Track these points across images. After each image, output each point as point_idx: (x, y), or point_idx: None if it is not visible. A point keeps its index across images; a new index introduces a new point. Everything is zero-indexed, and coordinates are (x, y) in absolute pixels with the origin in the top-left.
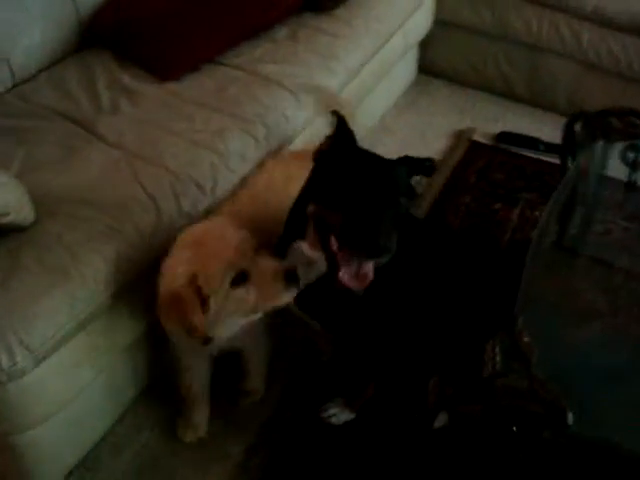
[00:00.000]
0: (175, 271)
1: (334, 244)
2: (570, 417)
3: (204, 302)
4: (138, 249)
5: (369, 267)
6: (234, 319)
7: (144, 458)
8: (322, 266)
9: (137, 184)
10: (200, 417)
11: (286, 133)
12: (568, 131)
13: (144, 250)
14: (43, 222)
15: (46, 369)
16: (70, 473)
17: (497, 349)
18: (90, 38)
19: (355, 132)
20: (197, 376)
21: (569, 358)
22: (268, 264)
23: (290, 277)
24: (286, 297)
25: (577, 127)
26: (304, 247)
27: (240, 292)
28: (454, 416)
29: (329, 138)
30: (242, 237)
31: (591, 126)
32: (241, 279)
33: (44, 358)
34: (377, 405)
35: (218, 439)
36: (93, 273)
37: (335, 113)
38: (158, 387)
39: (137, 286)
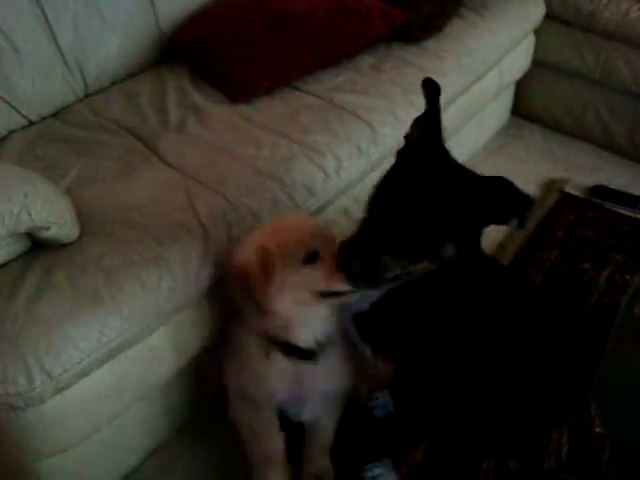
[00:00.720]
0: (248, 245)
1: None
2: None
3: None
4: (182, 279)
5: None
6: (299, 295)
7: None
8: None
9: (190, 210)
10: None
11: (359, 167)
12: None
13: (188, 281)
14: (85, 240)
15: (67, 398)
16: None
17: (564, 438)
18: (169, 53)
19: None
20: (270, 433)
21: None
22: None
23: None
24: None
25: None
26: None
27: (307, 270)
28: None
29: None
30: (317, 224)
31: None
32: (311, 258)
33: (66, 386)
34: (426, 473)
35: None
36: (128, 301)
37: (427, 87)
38: (192, 429)
39: (180, 317)
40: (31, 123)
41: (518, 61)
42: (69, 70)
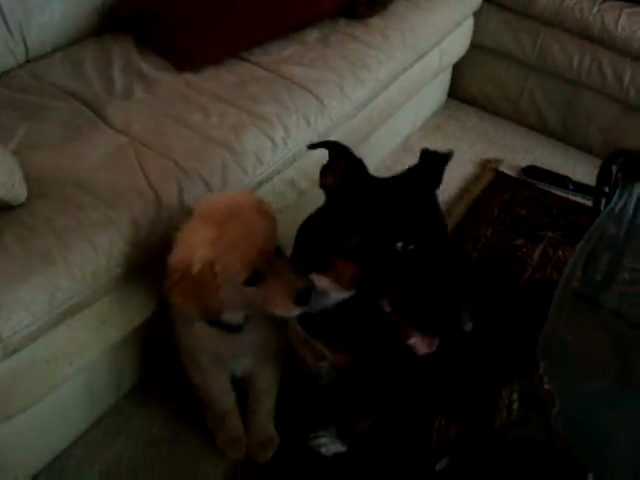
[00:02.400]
0: (194, 253)
1: (388, 308)
2: (591, 479)
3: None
4: (133, 242)
5: None
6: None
7: (117, 469)
8: (334, 298)
9: (140, 174)
10: (239, 430)
11: (307, 138)
12: (605, 169)
13: (139, 244)
14: (34, 203)
15: (17, 362)
16: (34, 477)
17: (514, 395)
18: (112, 22)
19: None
20: (224, 391)
21: (581, 413)
22: (285, 277)
23: (301, 299)
24: (291, 313)
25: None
26: (323, 282)
27: (250, 291)
28: (458, 464)
29: (332, 168)
30: (266, 225)
31: (631, 165)
32: (255, 279)
33: (16, 350)
34: (371, 440)
35: (199, 457)
36: (80, 262)
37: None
38: (141, 394)
39: (128, 281)
40: None
41: (457, 43)
42: (11, 34)
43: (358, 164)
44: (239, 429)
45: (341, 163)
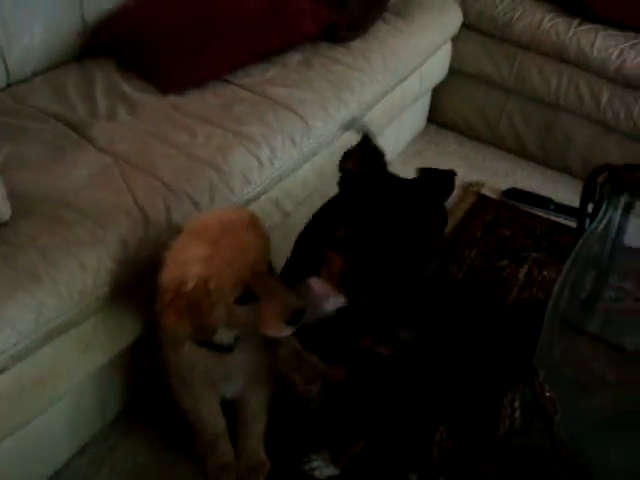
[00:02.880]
0: (187, 270)
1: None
2: None
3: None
4: (121, 261)
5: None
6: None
7: None
8: (329, 306)
9: (127, 192)
10: (229, 455)
11: (293, 158)
12: (589, 184)
13: (127, 263)
14: (18, 222)
15: (3, 383)
16: None
17: (516, 403)
18: (94, 46)
19: None
20: (214, 415)
21: (578, 423)
22: (279, 298)
23: (294, 318)
24: (283, 334)
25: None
26: (317, 286)
27: (242, 310)
28: (461, 475)
29: (355, 154)
30: (259, 242)
31: (615, 179)
32: (248, 298)
33: (2, 370)
34: (365, 462)
35: None
36: (67, 280)
37: (361, 130)
38: (126, 421)
39: (115, 301)
40: None
41: (437, 67)
42: None
43: (378, 157)
44: (230, 454)
45: (363, 151)
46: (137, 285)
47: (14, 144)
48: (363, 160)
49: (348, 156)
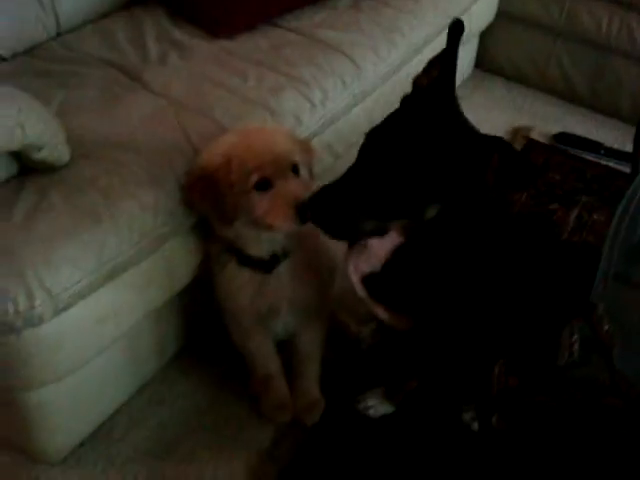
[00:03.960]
0: (214, 151)
1: None
2: None
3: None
4: (177, 201)
5: None
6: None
7: (160, 436)
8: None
9: (182, 134)
10: (284, 395)
11: (344, 100)
12: None
13: (184, 202)
14: (78, 164)
15: (66, 320)
16: (81, 444)
17: (575, 336)
18: None
19: None
20: (268, 354)
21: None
22: (293, 187)
23: (302, 210)
24: (288, 225)
25: None
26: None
27: (258, 198)
28: (520, 405)
29: (434, 70)
30: (288, 142)
31: None
32: (264, 186)
33: (65, 307)
34: (420, 399)
35: (243, 423)
36: (127, 220)
37: (452, 28)
38: (184, 361)
39: (173, 241)
40: (4, 60)
41: (486, 9)
42: (42, 6)
43: (450, 79)
44: (284, 393)
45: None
46: (194, 225)
47: (69, 90)
48: (437, 76)
49: (427, 70)
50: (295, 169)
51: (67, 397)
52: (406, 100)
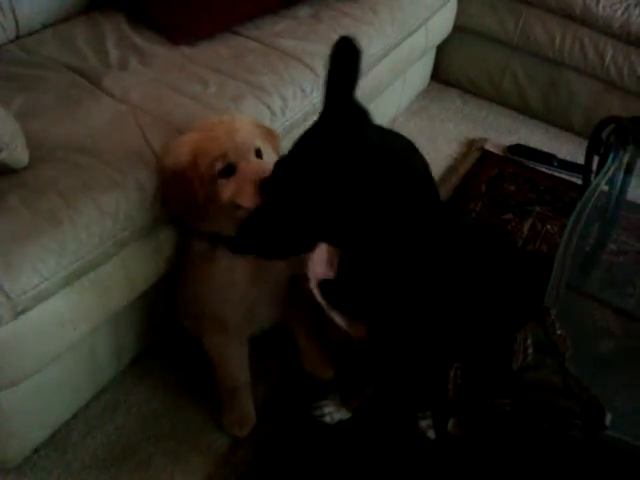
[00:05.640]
0: (181, 150)
1: None
2: (608, 418)
3: (202, 179)
4: (138, 206)
5: None
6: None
7: (117, 442)
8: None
9: (142, 139)
10: (249, 406)
11: (303, 108)
12: (596, 136)
13: (144, 208)
14: (37, 168)
15: (25, 324)
16: (36, 450)
17: (529, 341)
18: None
19: None
20: (241, 366)
21: (586, 366)
22: (255, 166)
23: (264, 187)
24: (253, 202)
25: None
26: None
27: (225, 184)
28: (476, 407)
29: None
30: (250, 127)
31: (623, 130)
32: (229, 171)
33: (24, 310)
34: (376, 406)
35: (200, 429)
36: (87, 223)
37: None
38: (141, 367)
39: (133, 246)
40: None
41: (442, 22)
42: (1, 8)
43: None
44: (248, 409)
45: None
46: (154, 230)
47: (28, 93)
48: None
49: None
50: (258, 154)
51: (23, 402)
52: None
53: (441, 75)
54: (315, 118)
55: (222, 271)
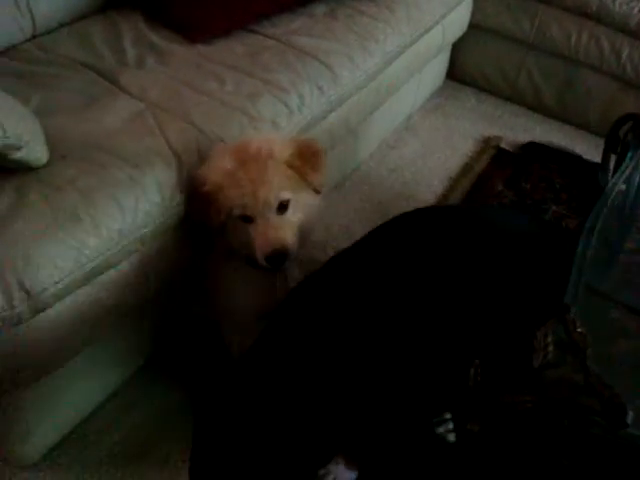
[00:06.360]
0: (210, 176)
1: None
2: (630, 416)
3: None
4: (157, 203)
5: None
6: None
7: (135, 440)
8: None
9: (160, 136)
10: None
11: (320, 107)
12: (613, 135)
13: (163, 205)
14: (56, 165)
15: (45, 321)
16: (54, 448)
17: (549, 338)
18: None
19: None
20: None
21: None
22: (270, 231)
23: (274, 258)
24: (259, 260)
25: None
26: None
27: (242, 227)
28: (497, 405)
29: None
30: (279, 181)
31: None
32: (246, 219)
33: (44, 308)
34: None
35: None
36: (107, 221)
37: None
38: (157, 364)
39: (152, 244)
40: None
41: (458, 21)
42: (18, 8)
43: None
44: None
45: None
46: (174, 227)
47: (45, 91)
48: None
49: None
50: (283, 205)
51: (42, 399)
52: None
53: (456, 73)
54: (332, 115)
55: (238, 278)
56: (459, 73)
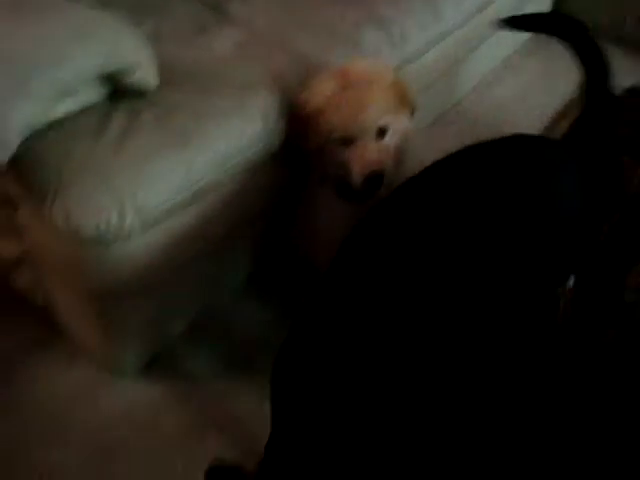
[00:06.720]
0: (313, 94)
1: None
2: None
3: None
4: (261, 129)
5: None
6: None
7: (233, 355)
8: None
9: (266, 64)
10: None
11: (422, 41)
12: None
13: (266, 134)
14: (167, 89)
15: (154, 236)
16: (150, 362)
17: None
18: None
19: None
20: None
21: None
22: (368, 153)
23: (370, 182)
24: (355, 183)
25: None
26: None
27: (339, 149)
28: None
29: None
30: (380, 107)
31: None
32: (345, 141)
33: (153, 224)
34: None
35: None
36: (213, 145)
37: None
38: (255, 282)
39: (255, 167)
40: None
41: None
42: None
43: None
44: None
45: None
46: (276, 155)
47: (156, 18)
48: None
49: None
50: (382, 131)
51: (145, 311)
52: None
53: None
54: (432, 52)
55: (323, 213)
56: (564, 12)
